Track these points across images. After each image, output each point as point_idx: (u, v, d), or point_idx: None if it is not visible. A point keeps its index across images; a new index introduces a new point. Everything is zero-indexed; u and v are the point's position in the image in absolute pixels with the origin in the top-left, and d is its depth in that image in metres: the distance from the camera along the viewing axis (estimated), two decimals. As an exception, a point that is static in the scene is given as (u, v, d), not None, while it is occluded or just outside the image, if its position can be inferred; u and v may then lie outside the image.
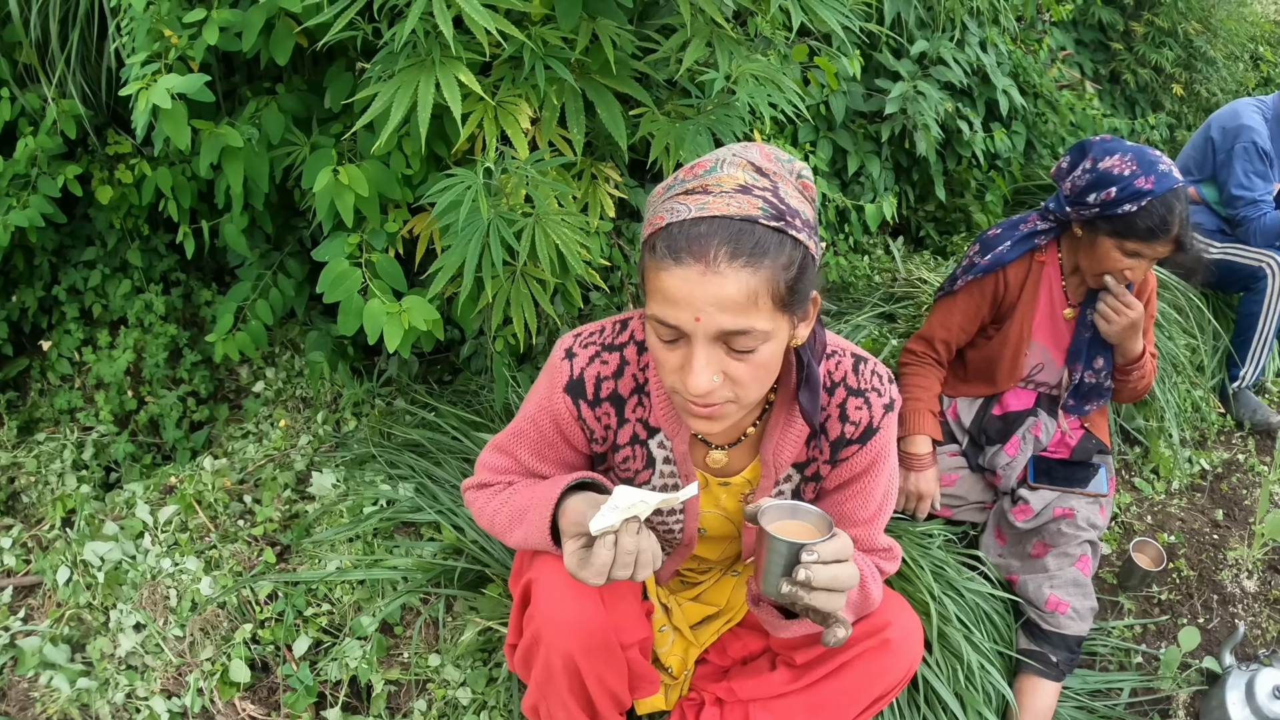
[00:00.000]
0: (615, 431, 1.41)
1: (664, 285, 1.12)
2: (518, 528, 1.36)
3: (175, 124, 1.67)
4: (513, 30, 1.47)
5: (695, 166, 1.17)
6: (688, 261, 1.09)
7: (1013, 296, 2.26)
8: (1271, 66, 5.70)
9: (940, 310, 2.35)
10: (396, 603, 2.03)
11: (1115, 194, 2.02)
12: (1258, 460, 3.04)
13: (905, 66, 3.17)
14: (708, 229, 1.10)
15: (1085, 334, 2.26)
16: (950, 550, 2.20)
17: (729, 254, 1.09)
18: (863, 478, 1.41)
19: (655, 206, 1.17)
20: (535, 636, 1.36)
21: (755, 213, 1.10)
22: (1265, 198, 3.11)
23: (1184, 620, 2.39)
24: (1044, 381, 2.35)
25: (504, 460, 1.47)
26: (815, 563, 1.13)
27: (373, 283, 1.82)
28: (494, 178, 1.59)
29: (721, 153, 1.18)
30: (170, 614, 2.05)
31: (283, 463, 2.52)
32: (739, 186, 1.12)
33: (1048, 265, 2.26)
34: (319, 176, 1.75)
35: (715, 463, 1.43)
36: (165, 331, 2.89)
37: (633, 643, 1.39)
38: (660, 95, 2.01)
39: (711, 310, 1.10)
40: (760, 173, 1.14)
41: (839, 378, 1.36)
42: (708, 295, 1.09)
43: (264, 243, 2.57)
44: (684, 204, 1.12)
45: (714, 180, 1.13)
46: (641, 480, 1.45)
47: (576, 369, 1.36)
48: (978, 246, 2.29)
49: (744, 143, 1.22)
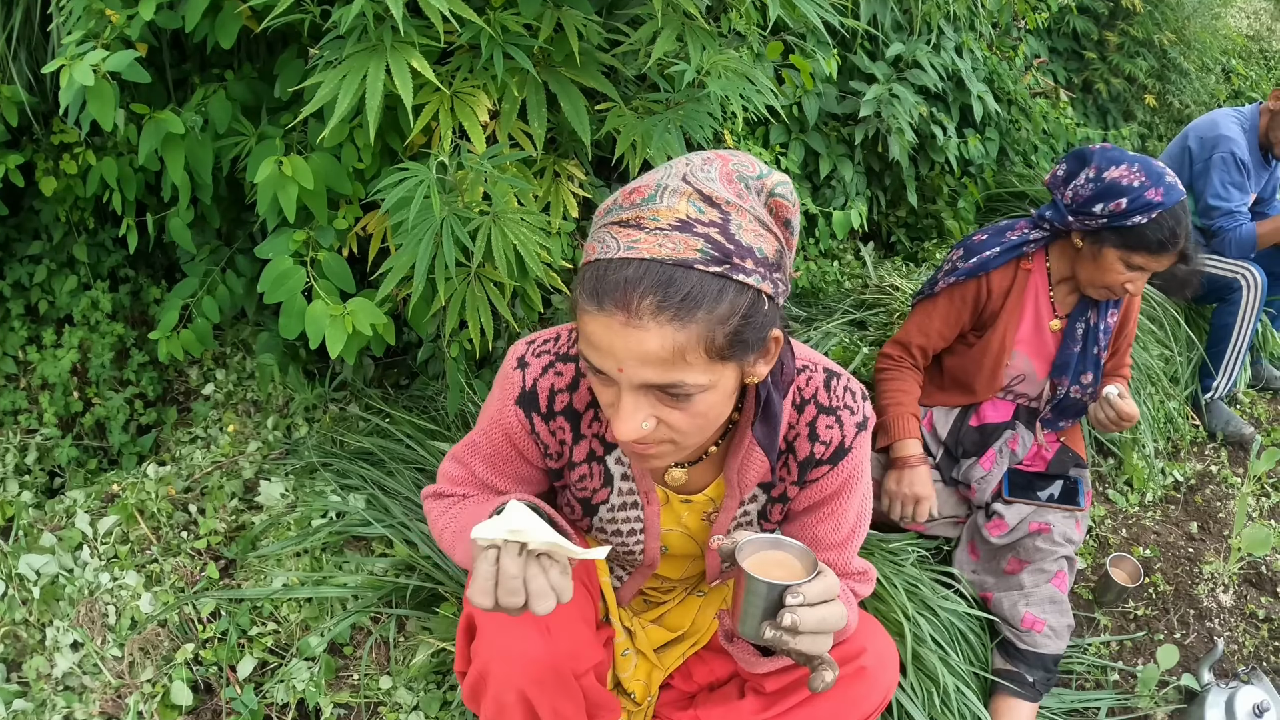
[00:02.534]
0: (570, 448, 1.32)
1: (586, 328, 1.01)
2: (458, 546, 1.28)
3: (103, 104, 1.56)
4: (470, 14, 1.38)
5: (636, 189, 1.02)
6: (609, 308, 0.97)
7: (996, 304, 2.20)
8: (1243, 79, 5.74)
9: (918, 314, 2.28)
10: (346, 623, 1.93)
11: (1126, 205, 1.97)
12: (1231, 472, 3.01)
13: (880, 69, 3.11)
14: (634, 274, 0.96)
15: (1074, 347, 2.20)
16: (924, 567, 2.13)
17: (654, 306, 0.95)
18: (834, 499, 1.33)
19: (594, 229, 1.04)
20: (483, 672, 1.27)
21: (692, 255, 0.96)
22: (1241, 209, 3.09)
23: (1160, 636, 2.34)
24: (1024, 393, 2.29)
25: (460, 471, 1.39)
26: (801, 605, 1.04)
27: (318, 283, 1.72)
28: (449, 173, 1.49)
29: (671, 173, 1.03)
30: (109, 632, 1.97)
31: (230, 470, 2.41)
32: (677, 222, 0.97)
33: (1034, 274, 2.20)
34: (261, 168, 1.65)
35: (674, 480, 1.35)
36: (112, 330, 2.79)
37: (586, 669, 1.30)
38: (629, 90, 1.93)
39: (633, 364, 0.98)
40: (710, 203, 0.99)
41: (809, 394, 1.28)
42: (629, 349, 0.98)
43: (214, 238, 2.47)
44: (614, 237, 0.99)
45: (650, 212, 0.98)
46: (599, 499, 1.37)
47: (529, 380, 1.27)
48: (961, 251, 2.23)
49: (709, 154, 1.07)
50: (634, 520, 1.39)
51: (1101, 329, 2.20)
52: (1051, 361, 2.24)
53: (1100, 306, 2.20)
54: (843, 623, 1.08)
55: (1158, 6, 4.76)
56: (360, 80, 1.40)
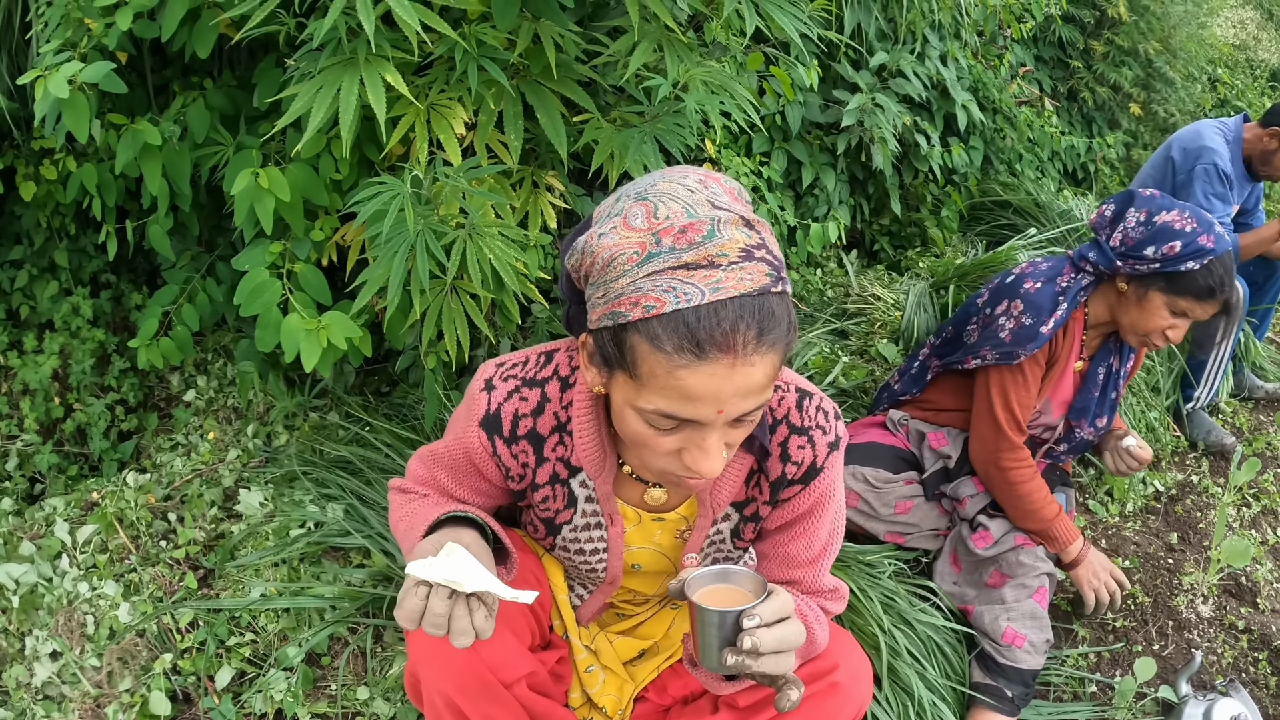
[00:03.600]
0: (534, 470, 1.32)
1: (681, 383, 0.98)
2: (405, 544, 1.30)
3: (77, 116, 1.55)
4: (445, 28, 1.38)
5: (689, 228, 0.98)
6: (713, 355, 0.95)
7: (1057, 354, 2.15)
8: (1228, 88, 5.76)
9: (1012, 388, 2.12)
10: (324, 633, 1.93)
11: (1180, 249, 1.96)
12: (1211, 482, 3.02)
13: (864, 78, 3.12)
14: (733, 313, 0.95)
15: (1094, 392, 2.19)
16: (901, 580, 2.13)
17: (756, 338, 0.96)
18: (806, 519, 1.33)
19: (638, 278, 0.98)
20: (414, 673, 1.29)
21: (766, 281, 0.97)
22: (1224, 220, 3.09)
23: (1139, 648, 2.34)
24: (1043, 426, 2.28)
25: (425, 474, 1.40)
26: (759, 626, 1.04)
27: (294, 296, 1.71)
28: (424, 187, 1.49)
29: (699, 201, 1.00)
30: (88, 641, 1.97)
31: (210, 478, 2.41)
32: (743, 252, 0.97)
33: (1077, 321, 2.17)
34: (238, 180, 1.64)
35: (654, 500, 1.35)
36: (93, 336, 2.78)
37: (514, 680, 1.31)
38: (608, 101, 1.92)
39: (736, 400, 0.99)
40: (749, 226, 1.00)
41: (781, 414, 1.28)
42: (736, 387, 0.98)
43: (195, 245, 2.46)
44: (690, 283, 0.95)
45: (717, 248, 0.96)
46: (563, 520, 1.37)
47: (494, 403, 1.27)
48: (1020, 305, 2.12)
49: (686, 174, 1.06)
50: (597, 540, 1.39)
51: (1121, 375, 2.20)
52: (1069, 404, 2.23)
53: (1122, 351, 2.19)
54: (802, 639, 1.08)
55: (1144, 16, 4.77)
56: (334, 94, 1.39)
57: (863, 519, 2.25)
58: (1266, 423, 3.46)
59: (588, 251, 1.03)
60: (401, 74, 1.48)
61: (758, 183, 2.61)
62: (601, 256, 1.01)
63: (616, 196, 1.07)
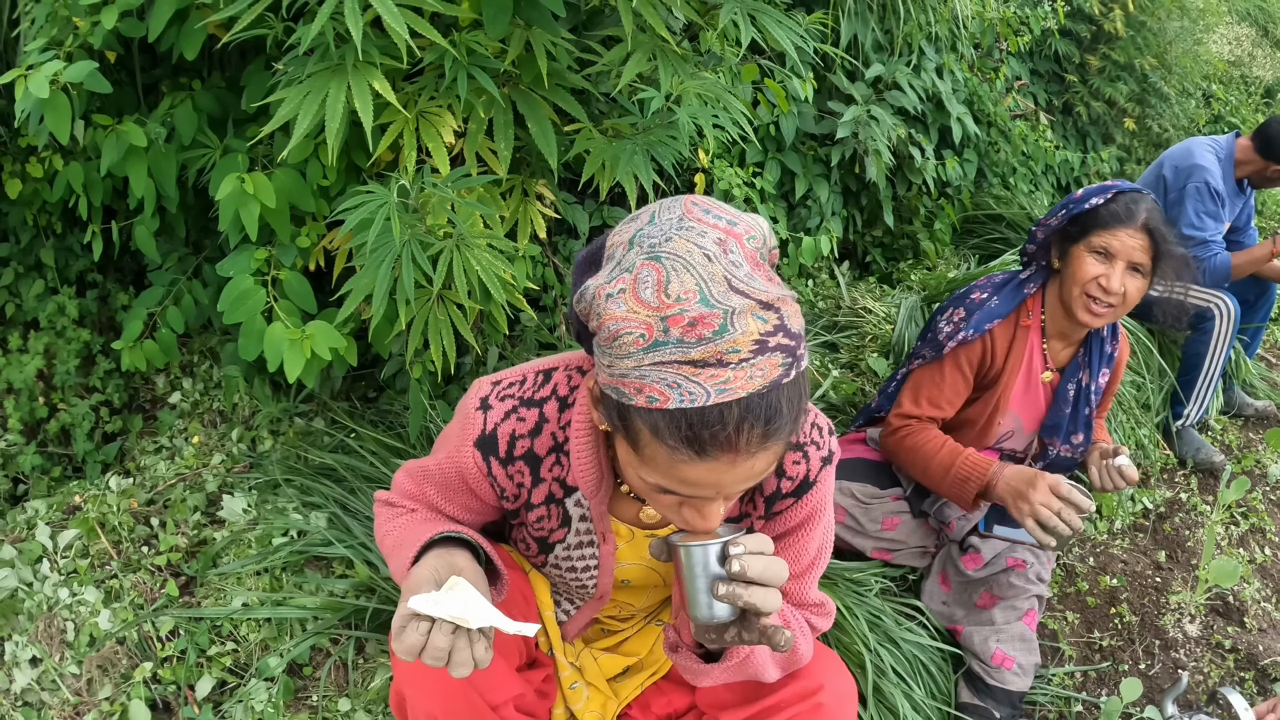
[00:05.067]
0: (529, 490, 1.31)
1: (683, 473, 0.98)
2: (395, 557, 1.27)
3: (58, 117, 1.53)
4: (435, 36, 1.36)
5: (699, 321, 0.92)
6: (714, 454, 0.95)
7: (999, 363, 2.11)
8: (1222, 104, 5.77)
9: (925, 384, 2.11)
10: (305, 644, 1.91)
11: (1081, 194, 2.01)
12: (1200, 499, 3.01)
13: (859, 90, 3.11)
14: (737, 416, 0.93)
15: (1065, 409, 2.15)
16: (887, 598, 2.12)
17: (760, 436, 0.95)
18: (798, 532, 1.33)
19: (639, 364, 0.94)
20: (400, 691, 1.28)
21: (777, 374, 0.94)
22: (1215, 238, 3.10)
23: (1125, 667, 2.34)
24: (1011, 449, 2.25)
25: (413, 489, 1.38)
26: (744, 553, 1.04)
27: (278, 304, 1.69)
28: (411, 196, 1.47)
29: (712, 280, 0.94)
30: (68, 649, 1.95)
31: (194, 483, 2.38)
32: (755, 346, 0.93)
33: (1032, 330, 2.14)
34: (223, 185, 1.62)
35: (650, 518, 1.35)
36: (78, 336, 2.75)
37: (502, 701, 1.29)
38: (600, 109, 1.91)
39: (736, 486, 1.00)
40: (768, 308, 0.95)
41: None
42: (735, 478, 0.98)
43: (182, 246, 2.43)
44: (695, 381, 0.92)
45: (728, 344, 0.92)
46: (556, 539, 1.36)
47: (490, 423, 1.26)
48: (960, 310, 2.11)
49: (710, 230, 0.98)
50: (589, 557, 1.38)
51: (1093, 390, 2.17)
52: (1040, 420, 2.19)
53: (1092, 366, 2.16)
54: (785, 576, 1.07)
55: (1140, 31, 4.77)
56: (321, 101, 1.37)
57: (850, 534, 2.24)
58: (1256, 440, 3.46)
59: (595, 311, 0.99)
60: (391, 80, 1.47)
61: (750, 193, 2.59)
62: (609, 326, 0.96)
63: (629, 239, 1.01)
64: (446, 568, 1.12)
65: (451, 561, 1.14)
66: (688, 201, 1.03)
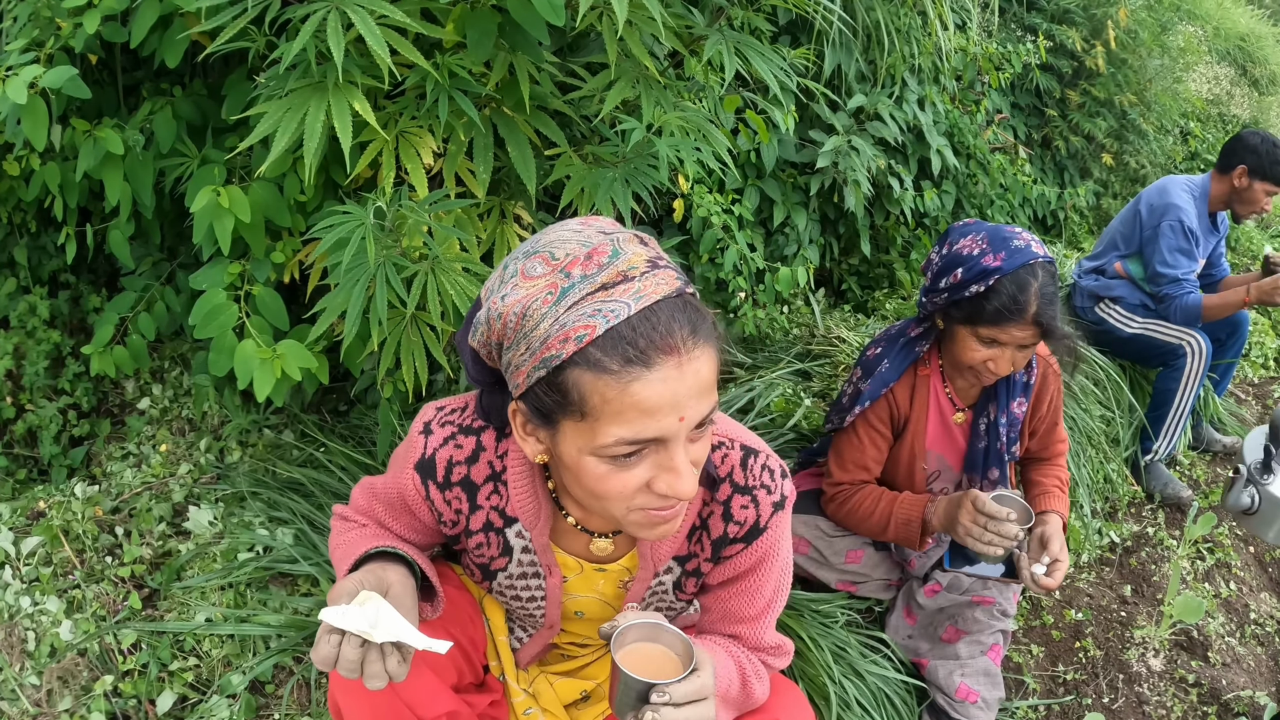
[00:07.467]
0: (467, 517, 1.31)
1: (639, 398, 0.97)
2: (341, 568, 1.28)
3: (35, 122, 1.52)
4: (418, 58, 1.36)
5: (592, 254, 1.00)
6: (659, 359, 0.97)
7: (905, 411, 2.09)
8: (1199, 141, 5.85)
9: (847, 450, 2.10)
10: (269, 662, 1.90)
11: (961, 275, 1.84)
12: (1167, 534, 3.04)
13: (841, 120, 3.13)
14: (662, 315, 0.98)
15: (979, 444, 2.11)
16: (853, 631, 2.12)
17: (691, 333, 0.99)
18: (749, 576, 1.32)
19: (556, 317, 0.98)
20: (335, 702, 1.28)
21: (679, 284, 1.01)
22: (1188, 276, 3.13)
23: (1089, 700, 2.35)
24: (943, 488, 2.21)
25: (365, 505, 1.39)
26: (666, 704, 1.02)
27: (250, 320, 1.67)
28: (387, 217, 1.47)
29: (590, 235, 1.03)
30: (28, 659, 1.92)
31: (160, 492, 2.36)
32: (648, 263, 1.01)
33: (933, 376, 2.09)
34: (198, 197, 1.61)
35: (600, 550, 1.33)
36: (48, 338, 2.72)
37: (433, 717, 1.29)
38: (581, 133, 1.91)
39: (692, 401, 1.00)
40: (643, 242, 1.05)
41: (725, 472, 1.26)
42: (688, 387, 0.99)
43: (157, 251, 2.41)
44: (613, 300, 0.97)
45: (624, 264, 0.99)
46: (497, 567, 1.35)
47: (430, 448, 1.26)
48: (860, 372, 2.09)
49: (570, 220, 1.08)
50: (535, 589, 1.37)
51: (1003, 424, 2.07)
52: (963, 456, 2.16)
53: (999, 400, 2.06)
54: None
55: (1121, 69, 4.84)
56: (300, 118, 1.37)
57: (814, 566, 2.23)
58: (1223, 476, 3.49)
59: (494, 317, 1.03)
60: (372, 98, 1.46)
61: (728, 220, 2.60)
62: (513, 312, 1.01)
63: (503, 266, 1.07)
64: (376, 582, 1.13)
65: (382, 577, 1.15)
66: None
